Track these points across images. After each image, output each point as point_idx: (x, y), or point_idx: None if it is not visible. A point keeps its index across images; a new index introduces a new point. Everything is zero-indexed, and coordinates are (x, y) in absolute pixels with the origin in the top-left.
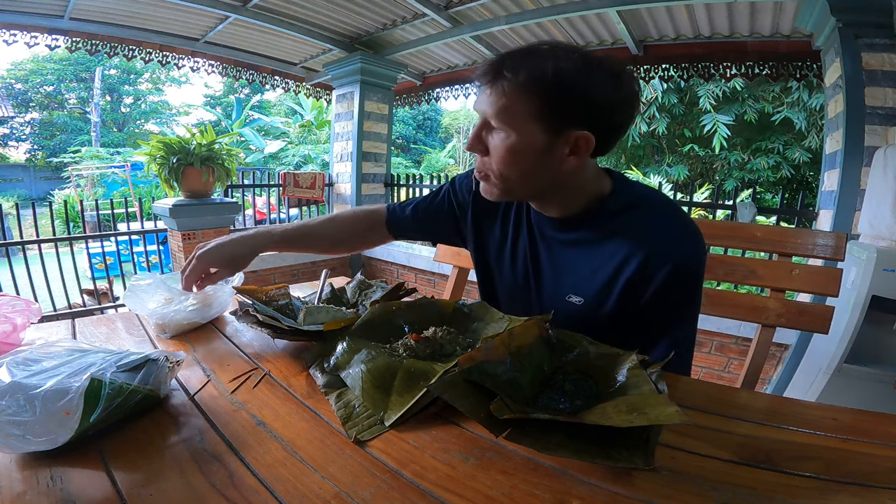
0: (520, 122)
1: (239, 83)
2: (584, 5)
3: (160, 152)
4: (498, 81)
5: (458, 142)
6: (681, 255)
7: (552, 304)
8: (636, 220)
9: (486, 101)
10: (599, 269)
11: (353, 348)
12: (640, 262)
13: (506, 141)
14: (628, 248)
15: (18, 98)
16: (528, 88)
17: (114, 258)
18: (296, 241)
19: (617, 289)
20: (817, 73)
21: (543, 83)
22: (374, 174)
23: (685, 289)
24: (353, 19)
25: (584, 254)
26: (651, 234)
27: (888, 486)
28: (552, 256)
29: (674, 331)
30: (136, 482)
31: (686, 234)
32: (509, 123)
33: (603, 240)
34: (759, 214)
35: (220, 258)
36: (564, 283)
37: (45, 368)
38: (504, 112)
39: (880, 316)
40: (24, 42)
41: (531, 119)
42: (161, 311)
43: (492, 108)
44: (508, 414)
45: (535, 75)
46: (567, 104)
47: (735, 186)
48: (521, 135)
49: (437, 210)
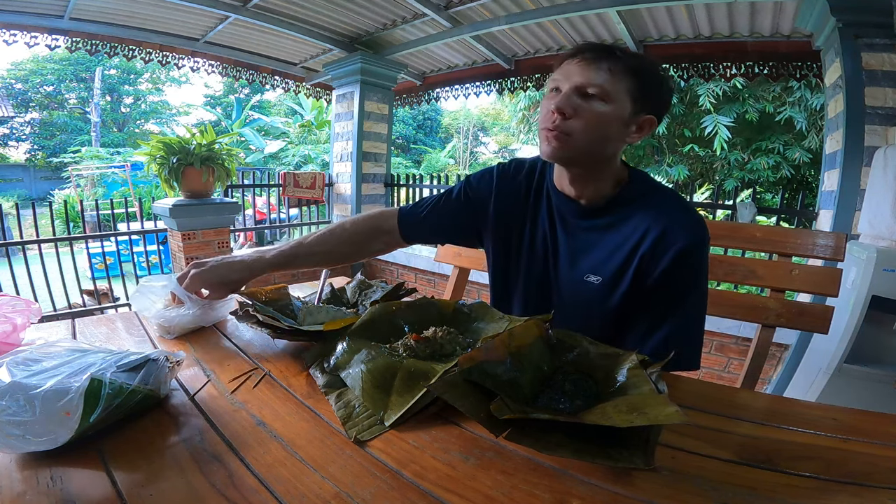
0: (618, 95)
1: (239, 83)
2: (584, 5)
3: (160, 152)
4: (606, 59)
5: (457, 142)
6: (690, 239)
7: (570, 285)
8: (653, 204)
9: (588, 73)
10: (618, 250)
11: (353, 348)
12: (656, 237)
13: (601, 107)
14: (645, 225)
15: (18, 98)
16: (631, 70)
17: (114, 258)
18: (288, 263)
19: (633, 265)
20: (817, 73)
21: (643, 69)
22: (374, 174)
23: (690, 271)
24: (353, 19)
25: (603, 236)
26: (666, 215)
27: (888, 486)
28: (571, 240)
29: (677, 314)
30: (136, 482)
31: (696, 222)
32: (609, 94)
33: (621, 223)
34: (759, 214)
35: (211, 280)
36: (583, 264)
37: (45, 368)
38: (608, 84)
39: (880, 316)
40: (24, 42)
41: (627, 95)
42: (167, 313)
43: (596, 79)
44: (508, 414)
45: (638, 62)
46: (654, 90)
47: (735, 186)
48: (616, 105)
49: (455, 208)
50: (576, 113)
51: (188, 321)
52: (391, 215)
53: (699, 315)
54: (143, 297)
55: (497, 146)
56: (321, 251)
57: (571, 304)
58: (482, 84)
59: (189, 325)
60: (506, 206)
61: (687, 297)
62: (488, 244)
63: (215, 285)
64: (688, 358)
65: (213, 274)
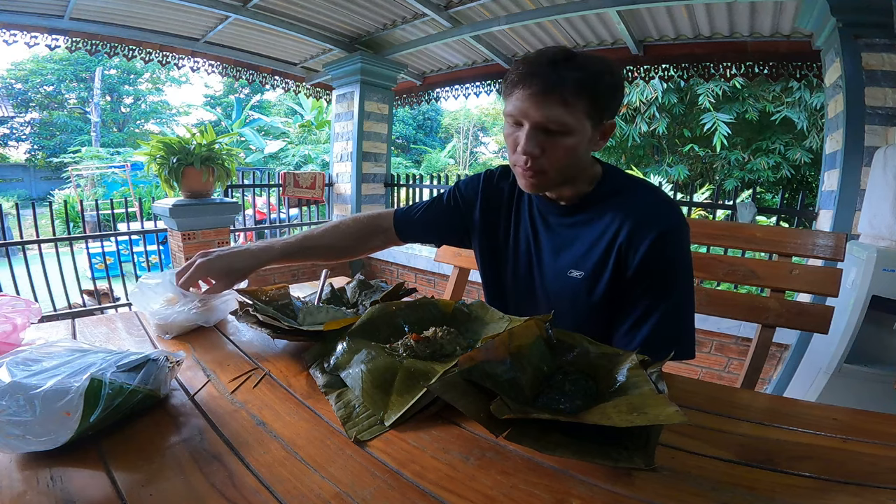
0: (578, 122)
1: (239, 83)
2: (584, 5)
3: (160, 152)
4: (556, 88)
5: (457, 142)
6: (664, 226)
7: (555, 281)
8: (625, 197)
9: (543, 109)
10: (596, 244)
11: (353, 348)
12: (631, 228)
13: (566, 141)
14: (619, 220)
15: (18, 98)
16: (583, 88)
17: (114, 258)
18: (297, 254)
19: (612, 258)
20: (817, 73)
21: (598, 84)
22: (374, 174)
23: (668, 259)
24: (353, 19)
25: (581, 232)
26: (638, 207)
27: (888, 486)
28: (552, 238)
29: (662, 304)
30: (136, 482)
31: (668, 208)
32: (570, 125)
33: (598, 218)
34: (759, 214)
35: (218, 270)
36: (565, 261)
37: (45, 368)
38: (566, 116)
39: (880, 316)
40: (24, 42)
41: (585, 117)
42: (164, 312)
43: (552, 115)
44: (508, 414)
45: (590, 79)
46: (607, 98)
47: (735, 186)
48: (579, 133)
49: (445, 211)
50: (543, 152)
51: (185, 319)
52: (388, 215)
53: (686, 302)
54: (141, 294)
55: (497, 146)
56: (325, 244)
57: (558, 300)
58: (482, 84)
59: (186, 323)
60: (491, 210)
61: (670, 285)
62: (476, 246)
63: (221, 274)
64: (680, 347)
65: (219, 262)
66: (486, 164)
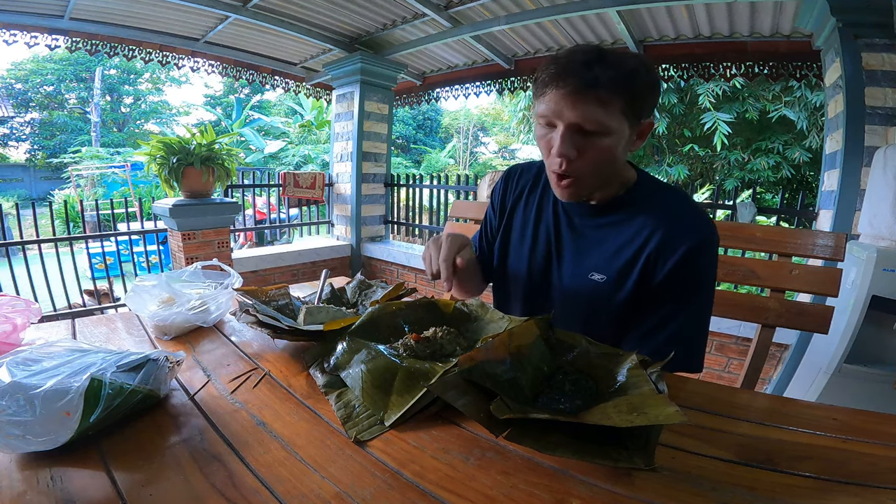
0: (616, 122)
1: (239, 83)
2: (584, 5)
3: (160, 152)
4: (593, 87)
5: (457, 142)
6: (696, 239)
7: (574, 282)
8: (660, 204)
9: (579, 109)
10: (623, 249)
11: (353, 348)
12: (661, 238)
13: (603, 142)
14: (651, 226)
15: (18, 98)
16: (620, 87)
17: (114, 258)
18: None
19: (638, 265)
20: (817, 73)
21: (634, 81)
22: (374, 174)
23: (696, 272)
24: (353, 19)
25: (608, 234)
26: (672, 216)
27: (888, 486)
28: (576, 238)
29: (682, 315)
30: (136, 482)
31: (703, 221)
32: (607, 125)
33: (628, 221)
34: (759, 214)
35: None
36: (587, 263)
37: (45, 368)
38: (603, 116)
39: (880, 316)
40: (24, 42)
41: (622, 116)
42: (162, 313)
43: (590, 114)
44: (508, 414)
45: (626, 77)
46: (646, 96)
47: (735, 186)
48: (616, 133)
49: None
50: (580, 154)
51: (184, 320)
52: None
53: (704, 317)
54: (137, 297)
55: (497, 146)
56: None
57: (574, 303)
58: (482, 84)
59: (186, 324)
60: (513, 207)
61: (692, 298)
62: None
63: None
64: (689, 359)
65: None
66: (486, 164)
